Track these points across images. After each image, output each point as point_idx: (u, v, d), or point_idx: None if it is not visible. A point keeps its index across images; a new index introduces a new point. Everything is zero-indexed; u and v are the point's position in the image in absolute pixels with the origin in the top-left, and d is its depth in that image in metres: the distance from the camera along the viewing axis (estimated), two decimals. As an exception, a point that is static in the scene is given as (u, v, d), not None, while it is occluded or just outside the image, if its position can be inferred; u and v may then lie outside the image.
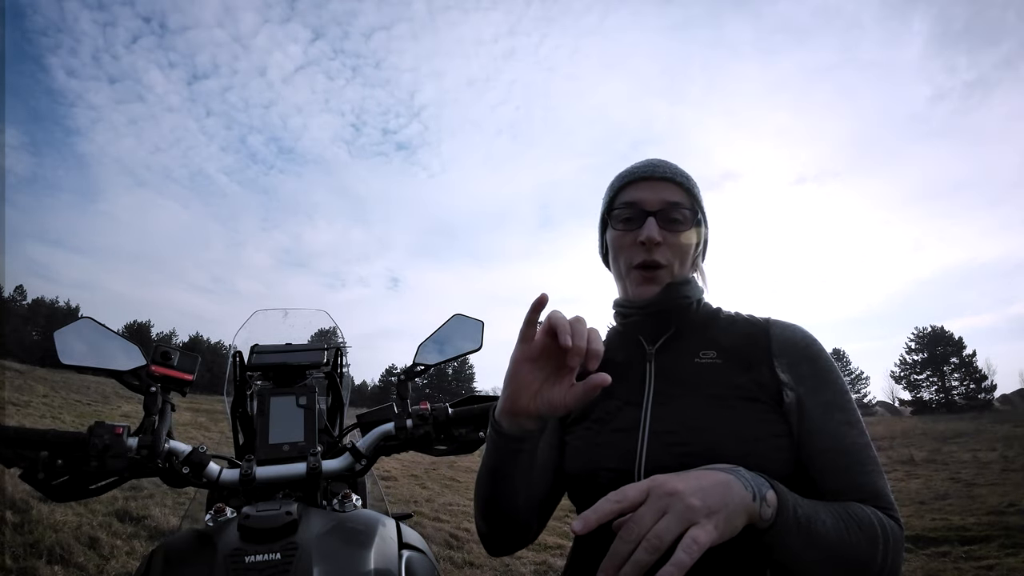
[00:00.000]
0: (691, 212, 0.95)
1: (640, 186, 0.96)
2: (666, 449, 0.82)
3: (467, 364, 65.79)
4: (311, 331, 1.50)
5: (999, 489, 8.60)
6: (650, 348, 0.95)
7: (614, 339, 1.02)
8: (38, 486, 0.90)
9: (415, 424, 1.07)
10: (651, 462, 0.82)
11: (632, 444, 0.85)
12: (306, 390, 1.12)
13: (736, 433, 0.80)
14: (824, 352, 0.88)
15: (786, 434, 0.82)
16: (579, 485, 0.90)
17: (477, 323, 1.20)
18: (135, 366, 1.01)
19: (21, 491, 4.76)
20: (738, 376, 0.86)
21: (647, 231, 0.91)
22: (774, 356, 0.87)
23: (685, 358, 0.91)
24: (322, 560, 0.77)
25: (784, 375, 0.85)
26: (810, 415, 0.83)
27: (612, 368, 0.96)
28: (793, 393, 0.84)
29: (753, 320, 0.95)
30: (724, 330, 0.93)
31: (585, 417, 0.94)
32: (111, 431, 0.90)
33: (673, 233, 0.93)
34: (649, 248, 0.91)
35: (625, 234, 0.95)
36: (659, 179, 0.95)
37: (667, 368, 0.91)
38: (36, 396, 14.46)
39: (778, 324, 0.92)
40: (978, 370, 49.78)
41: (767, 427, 0.82)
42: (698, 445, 0.80)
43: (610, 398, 0.91)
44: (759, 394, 0.84)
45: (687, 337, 0.94)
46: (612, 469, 0.85)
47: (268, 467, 0.99)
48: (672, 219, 0.93)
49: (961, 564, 5.07)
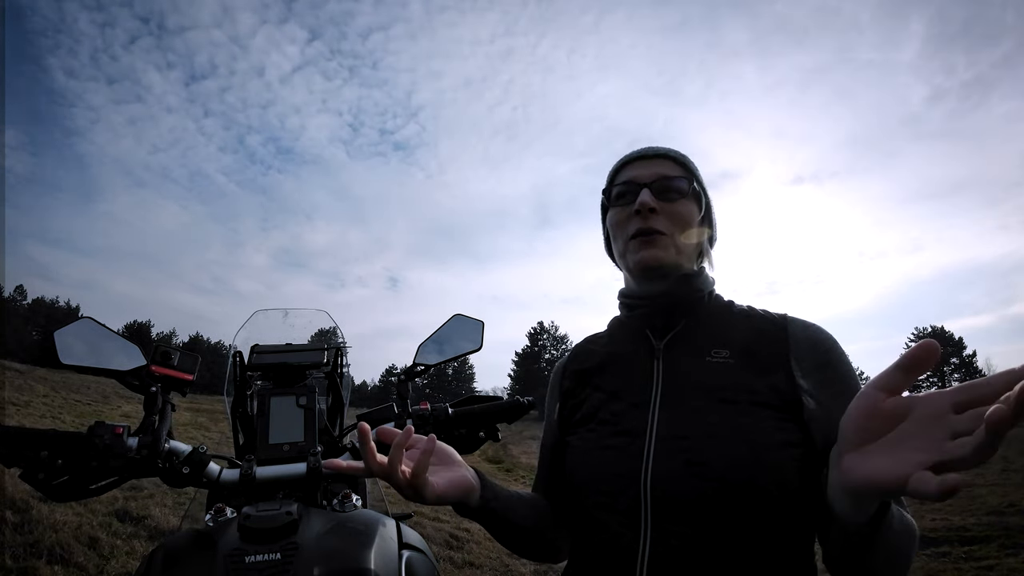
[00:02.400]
0: (686, 182, 0.91)
1: (635, 165, 0.95)
2: (674, 456, 0.78)
3: (467, 364, 65.85)
4: (311, 331, 1.50)
5: (999, 489, 8.60)
6: (658, 343, 0.90)
7: (618, 331, 0.99)
8: (38, 486, 0.90)
9: (415, 424, 1.07)
10: (658, 469, 0.78)
11: (638, 449, 0.81)
12: (306, 390, 1.12)
13: (750, 442, 0.76)
14: (844, 355, 0.84)
15: (801, 443, 0.77)
16: (583, 491, 0.86)
17: (477, 323, 1.20)
18: (135, 366, 1.01)
19: (21, 491, 4.76)
20: (753, 379, 0.81)
21: (641, 198, 0.88)
22: (793, 359, 0.82)
23: (696, 356, 0.86)
24: (322, 560, 0.77)
25: (803, 381, 0.80)
26: (835, 423, 0.79)
27: (616, 363, 0.94)
28: (814, 400, 0.79)
29: (769, 316, 0.89)
30: (738, 326, 0.88)
31: (590, 418, 0.90)
32: (111, 431, 0.90)
33: (669, 203, 0.89)
34: (644, 215, 0.88)
35: (621, 209, 0.93)
36: (653, 156, 0.94)
37: (676, 367, 0.86)
38: (36, 396, 14.45)
39: (797, 323, 0.87)
40: (978, 370, 49.81)
41: (782, 435, 0.77)
42: (709, 453, 0.76)
43: (615, 398, 0.88)
44: (775, 400, 0.79)
45: (698, 333, 0.89)
46: (618, 474, 0.81)
47: (268, 467, 0.98)
48: (666, 188, 0.90)
49: (961, 564, 5.06)
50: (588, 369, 0.97)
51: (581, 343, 1.05)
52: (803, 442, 0.78)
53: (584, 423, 0.91)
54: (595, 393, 0.92)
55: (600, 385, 0.93)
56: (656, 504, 0.77)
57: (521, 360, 64.27)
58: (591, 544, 0.85)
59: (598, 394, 0.92)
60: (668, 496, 0.77)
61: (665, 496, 0.77)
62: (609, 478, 0.82)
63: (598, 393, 0.92)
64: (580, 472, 0.87)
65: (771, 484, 0.74)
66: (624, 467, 0.81)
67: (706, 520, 0.75)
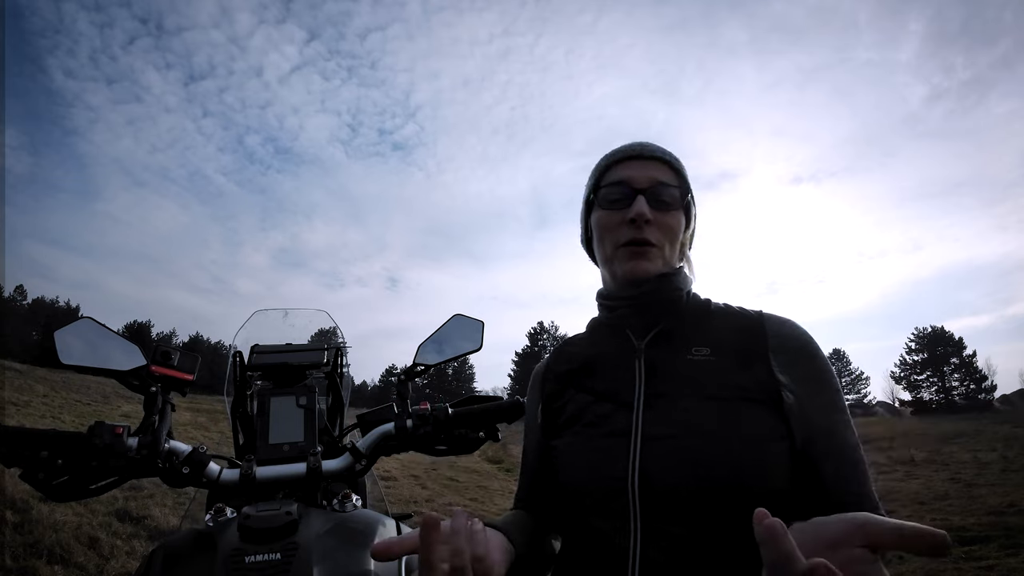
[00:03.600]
0: (680, 193, 0.90)
1: (628, 165, 0.92)
2: (661, 455, 0.78)
3: (467, 364, 65.85)
4: (311, 331, 1.50)
5: (999, 489, 8.59)
6: (639, 343, 0.89)
7: (598, 332, 0.98)
8: (38, 486, 0.90)
9: (415, 424, 1.07)
10: (645, 470, 0.78)
11: (625, 449, 0.80)
12: (306, 390, 1.12)
13: (740, 437, 0.76)
14: (820, 350, 0.85)
15: (787, 436, 0.78)
16: (571, 496, 0.85)
17: (477, 323, 1.20)
18: (135, 366, 1.01)
19: (21, 491, 4.76)
20: (735, 375, 0.81)
21: (637, 207, 0.86)
22: (771, 353, 0.82)
23: (677, 355, 0.85)
24: (322, 560, 0.77)
25: (782, 375, 0.81)
26: (811, 417, 0.79)
27: (598, 364, 0.93)
28: (792, 394, 0.80)
29: (745, 313, 0.90)
30: (717, 324, 0.88)
31: (575, 421, 0.89)
32: (111, 431, 0.90)
33: (663, 213, 0.88)
34: (639, 226, 0.87)
35: (613, 213, 0.90)
36: (648, 158, 0.91)
37: (658, 365, 0.86)
38: (36, 396, 14.46)
39: (773, 319, 0.87)
40: (978, 370, 49.82)
41: (767, 430, 0.77)
42: (697, 451, 0.76)
43: (599, 399, 0.88)
44: (758, 395, 0.79)
45: (678, 331, 0.88)
46: (607, 477, 0.80)
47: (268, 467, 0.98)
48: (661, 199, 0.88)
49: (961, 564, 5.06)
50: (571, 371, 0.95)
51: (561, 345, 1.04)
52: (788, 435, 0.78)
53: (569, 425, 0.90)
54: (578, 395, 0.92)
55: (583, 386, 0.92)
56: (645, 504, 0.77)
57: (521, 360, 64.26)
58: (581, 547, 0.84)
59: (582, 395, 0.91)
60: (657, 496, 0.76)
61: (654, 496, 0.77)
62: (597, 480, 0.81)
63: (582, 395, 0.91)
64: (568, 475, 0.86)
65: (761, 480, 0.74)
66: (612, 468, 0.80)
67: (697, 519, 0.75)
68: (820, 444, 0.79)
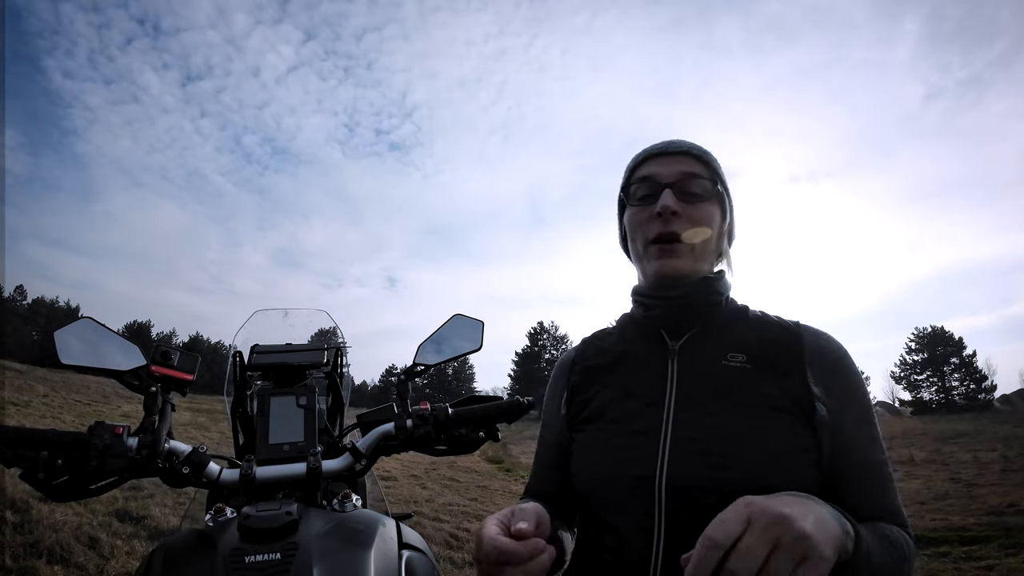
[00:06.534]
0: (711, 183, 0.89)
1: (656, 161, 0.91)
2: (691, 458, 0.77)
3: (467, 364, 65.82)
4: (311, 331, 1.50)
5: (999, 489, 8.59)
6: (673, 344, 0.88)
7: (630, 329, 0.96)
8: (38, 486, 0.90)
9: (415, 424, 1.07)
10: (674, 470, 0.77)
11: (653, 449, 0.79)
12: (306, 390, 1.12)
13: (766, 447, 0.76)
14: (855, 365, 0.85)
15: (815, 448, 0.78)
16: (592, 492, 0.84)
17: (477, 323, 1.20)
18: (135, 366, 1.01)
19: (21, 491, 4.76)
20: (769, 385, 0.81)
21: (663, 201, 0.85)
22: (808, 366, 0.81)
23: (711, 360, 0.85)
24: (322, 560, 0.76)
25: (816, 388, 0.80)
26: (842, 430, 0.79)
27: (629, 361, 0.93)
28: (825, 408, 0.79)
29: (783, 323, 0.89)
30: (753, 332, 0.87)
31: (599, 416, 0.88)
32: (111, 431, 0.90)
33: (692, 205, 0.87)
34: (666, 219, 0.86)
35: (641, 209, 0.90)
36: (675, 153, 0.91)
37: (691, 369, 0.85)
38: (36, 396, 14.45)
39: (810, 331, 0.87)
40: (978, 370, 49.76)
41: (797, 441, 0.77)
42: (725, 457, 0.75)
43: (627, 396, 0.87)
44: (790, 406, 0.79)
45: (713, 336, 0.87)
46: (631, 476, 0.79)
47: (268, 467, 0.98)
48: (689, 191, 0.87)
49: (961, 564, 5.06)
50: (598, 366, 0.95)
51: (589, 338, 1.03)
52: (817, 447, 0.78)
53: (592, 421, 0.89)
54: (604, 391, 0.91)
55: (610, 383, 0.91)
56: (671, 506, 0.76)
57: (521, 360, 64.21)
58: (599, 546, 0.83)
59: (608, 392, 0.90)
60: (684, 498, 0.76)
61: (681, 498, 0.76)
62: (621, 479, 0.80)
63: (608, 391, 0.90)
64: (589, 472, 0.85)
65: (788, 489, 0.74)
66: (638, 468, 0.79)
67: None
68: (848, 458, 0.79)
